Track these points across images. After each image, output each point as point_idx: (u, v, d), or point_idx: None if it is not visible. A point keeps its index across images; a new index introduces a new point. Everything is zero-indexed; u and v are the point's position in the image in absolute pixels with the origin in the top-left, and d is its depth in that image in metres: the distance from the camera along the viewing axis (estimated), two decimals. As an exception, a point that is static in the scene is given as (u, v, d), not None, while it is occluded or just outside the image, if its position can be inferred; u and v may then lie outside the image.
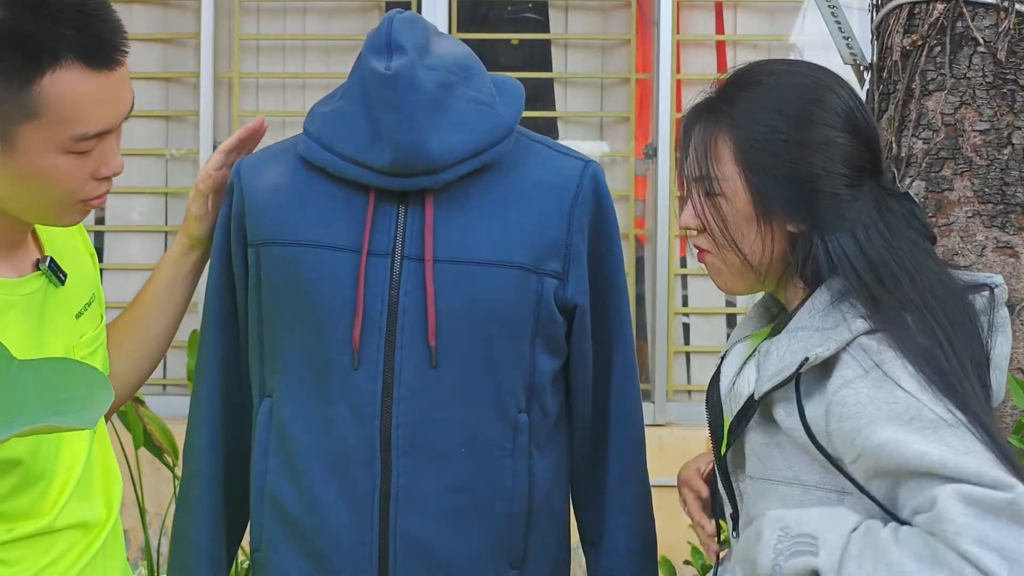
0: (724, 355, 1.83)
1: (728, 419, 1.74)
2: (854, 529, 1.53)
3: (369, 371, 1.88)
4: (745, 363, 1.72)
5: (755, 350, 1.71)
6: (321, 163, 1.93)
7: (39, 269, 1.75)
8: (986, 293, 1.68)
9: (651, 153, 4.61)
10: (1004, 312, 1.72)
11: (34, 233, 1.80)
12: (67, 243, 1.85)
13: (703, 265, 1.79)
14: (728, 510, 1.79)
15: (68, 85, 1.58)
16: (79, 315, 1.82)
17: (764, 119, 1.67)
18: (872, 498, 1.57)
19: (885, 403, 1.52)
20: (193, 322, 2.34)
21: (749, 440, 1.70)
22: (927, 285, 1.63)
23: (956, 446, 1.48)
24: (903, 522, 1.52)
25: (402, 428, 1.88)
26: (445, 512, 1.91)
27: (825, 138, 1.66)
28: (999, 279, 1.73)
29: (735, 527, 1.77)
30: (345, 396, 1.89)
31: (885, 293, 1.61)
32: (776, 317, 1.82)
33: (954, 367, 1.56)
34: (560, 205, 1.95)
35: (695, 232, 1.75)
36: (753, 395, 1.66)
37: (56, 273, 1.77)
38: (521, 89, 2.01)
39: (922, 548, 1.46)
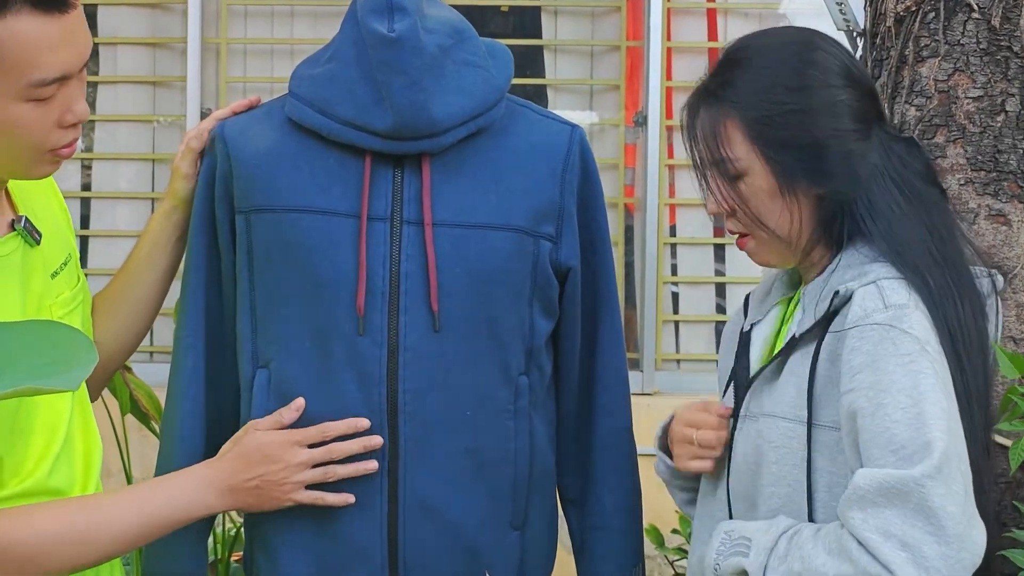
0: (748, 329, 1.85)
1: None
2: (784, 532, 1.62)
3: (374, 337, 1.88)
4: (786, 319, 1.80)
5: (799, 302, 1.77)
6: (314, 126, 1.91)
7: (15, 230, 1.73)
8: (992, 278, 1.76)
9: (641, 121, 4.60)
10: (997, 299, 1.77)
11: (8, 195, 1.77)
12: (41, 203, 1.83)
13: (743, 250, 1.82)
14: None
15: (20, 30, 1.56)
16: (55, 275, 1.80)
17: (767, 95, 1.72)
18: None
19: (893, 345, 1.58)
20: (178, 289, 2.33)
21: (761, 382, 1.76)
22: (940, 237, 1.71)
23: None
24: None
25: (408, 393, 1.89)
26: (453, 474, 1.92)
27: (829, 99, 1.72)
28: (998, 273, 1.79)
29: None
30: (350, 363, 1.89)
31: (907, 249, 1.68)
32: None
33: (962, 328, 1.64)
34: (552, 168, 1.96)
35: (725, 218, 1.79)
36: (795, 335, 1.72)
37: (31, 233, 1.75)
38: (510, 54, 2.01)
39: (833, 541, 1.55)
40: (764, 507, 1.73)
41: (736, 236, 1.81)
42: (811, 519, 1.67)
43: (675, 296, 4.73)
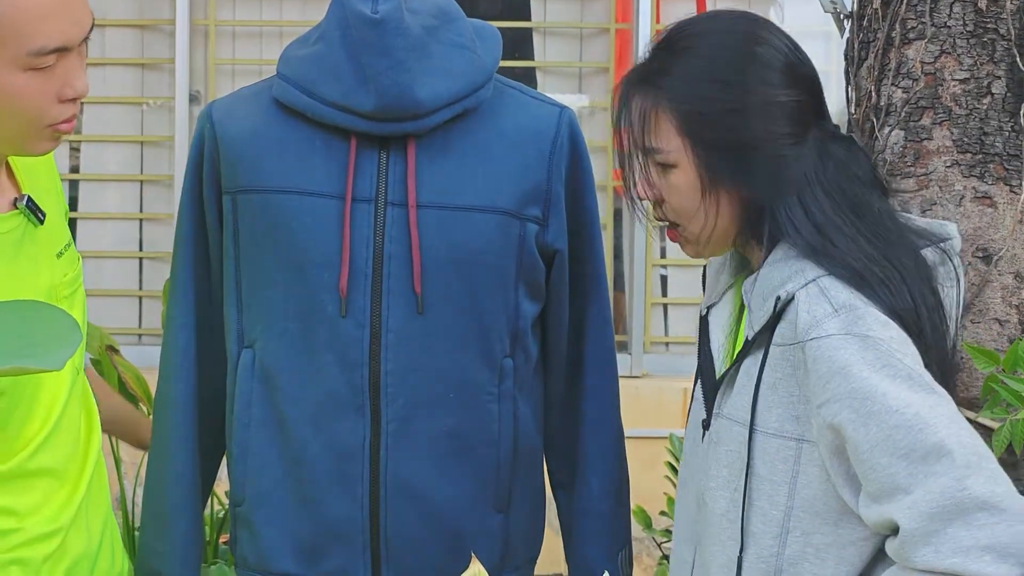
0: (705, 312, 1.84)
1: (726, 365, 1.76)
2: None
3: (356, 319, 1.89)
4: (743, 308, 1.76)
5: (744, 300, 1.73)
6: (300, 108, 1.91)
7: (17, 208, 1.74)
8: (941, 246, 1.71)
9: (630, 104, 4.60)
10: (956, 262, 1.73)
11: (11, 175, 1.78)
12: (44, 185, 1.84)
13: (672, 240, 1.79)
14: None
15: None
16: (59, 255, 1.82)
17: (702, 89, 1.66)
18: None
19: (859, 349, 1.53)
20: (168, 271, 2.34)
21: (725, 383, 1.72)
22: (877, 236, 1.65)
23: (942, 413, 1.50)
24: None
25: (391, 375, 1.89)
26: (435, 457, 1.93)
27: (766, 99, 1.65)
28: (952, 230, 1.75)
29: None
30: (332, 344, 1.89)
31: (833, 249, 1.62)
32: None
33: (912, 310, 1.60)
34: (540, 151, 1.96)
35: (650, 203, 1.75)
36: (747, 338, 1.68)
37: (35, 212, 1.76)
38: (499, 35, 2.02)
39: None
40: (710, 506, 1.70)
41: (665, 226, 1.77)
42: (743, 529, 1.63)
43: (664, 279, 4.74)
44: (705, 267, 1.90)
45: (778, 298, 1.62)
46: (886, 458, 1.49)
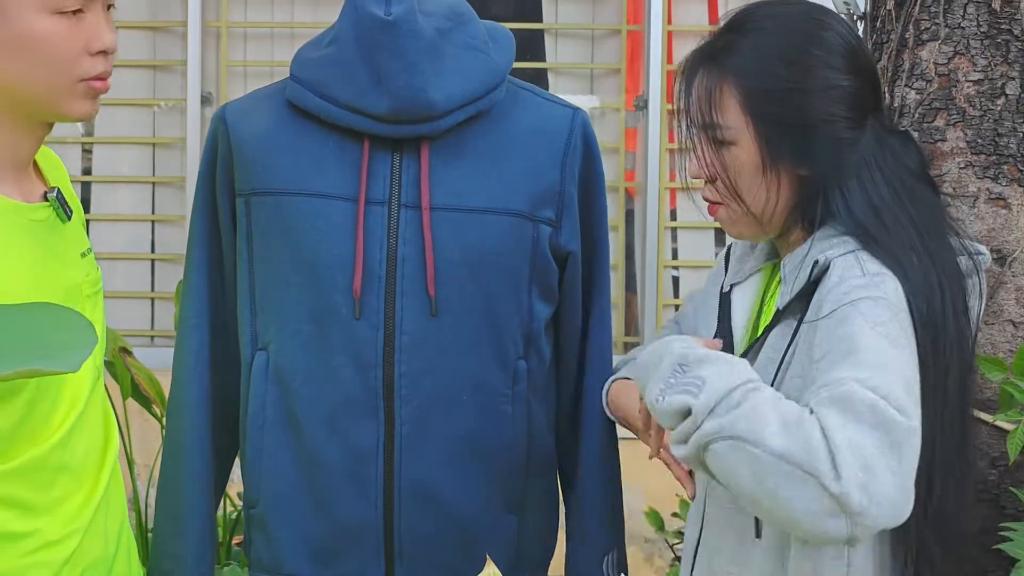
0: (728, 289, 1.84)
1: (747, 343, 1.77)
2: (743, 384, 1.49)
3: (370, 321, 1.89)
4: (770, 290, 1.78)
5: (782, 278, 1.74)
6: (314, 110, 1.92)
7: (47, 200, 1.76)
8: (973, 258, 1.73)
9: (641, 105, 4.60)
10: (983, 278, 1.76)
11: (39, 171, 1.81)
12: (66, 188, 1.86)
13: (714, 218, 1.79)
14: None
15: None
16: (83, 255, 1.84)
17: (768, 67, 1.69)
18: None
19: (870, 307, 1.55)
20: (180, 273, 2.34)
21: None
22: (927, 230, 1.67)
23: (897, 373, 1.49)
24: None
25: (405, 377, 1.89)
26: (449, 459, 1.93)
27: (828, 82, 1.69)
28: (985, 251, 1.77)
29: None
30: (346, 346, 1.90)
31: (884, 234, 1.65)
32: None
33: (943, 315, 1.62)
34: (553, 152, 1.96)
35: (703, 183, 1.77)
36: (778, 308, 1.70)
37: (63, 207, 1.78)
38: (512, 37, 2.02)
39: (794, 416, 1.44)
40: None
41: (708, 203, 1.79)
42: None
43: (675, 280, 4.73)
44: (728, 249, 1.91)
45: (816, 263, 1.65)
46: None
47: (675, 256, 4.72)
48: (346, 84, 1.87)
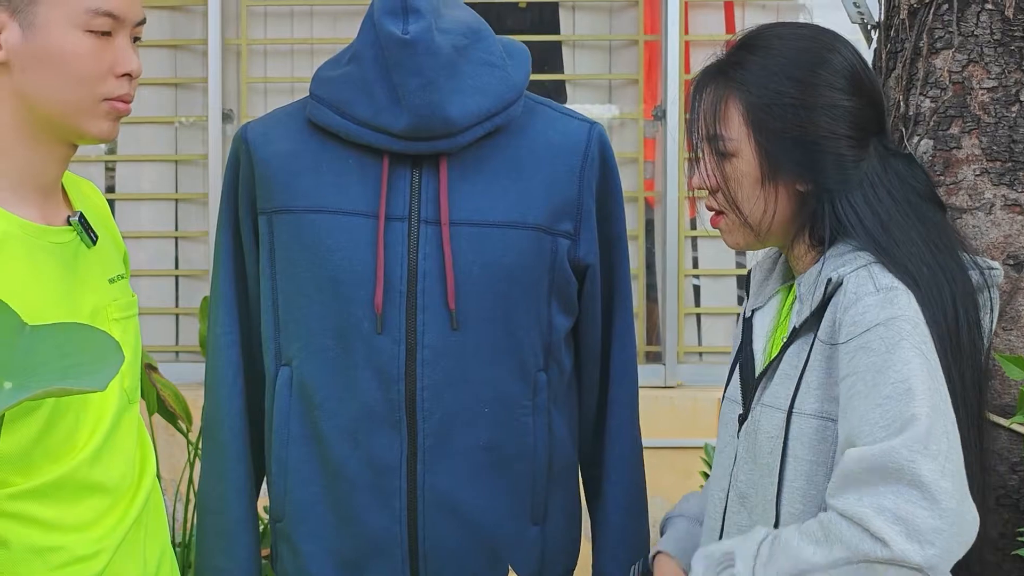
0: (750, 315, 1.87)
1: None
2: (764, 538, 1.61)
3: (392, 335, 1.91)
4: (787, 308, 1.82)
5: (797, 296, 1.78)
6: (334, 128, 1.94)
7: (70, 224, 1.80)
8: (984, 274, 1.75)
9: (659, 115, 4.61)
10: (995, 293, 1.78)
11: (66, 197, 1.85)
12: (95, 216, 1.89)
13: (714, 227, 1.84)
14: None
15: None
16: (112, 281, 1.86)
17: (772, 83, 1.73)
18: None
19: (884, 328, 1.59)
20: (204, 288, 2.36)
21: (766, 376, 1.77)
22: (936, 244, 1.71)
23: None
24: None
25: (427, 390, 1.91)
26: (471, 471, 1.94)
27: (830, 100, 1.73)
28: (997, 266, 1.79)
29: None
30: (369, 361, 1.91)
31: (896, 248, 1.68)
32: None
33: (957, 327, 1.65)
34: (570, 166, 1.98)
35: (706, 193, 1.81)
36: (795, 326, 1.74)
37: (88, 231, 1.81)
38: (528, 52, 2.03)
39: (817, 531, 1.54)
40: (743, 492, 1.76)
41: (711, 213, 1.83)
42: (777, 510, 1.69)
43: (696, 289, 4.73)
44: (750, 272, 1.94)
45: (829, 280, 1.68)
46: (868, 427, 1.55)
47: (696, 265, 4.72)
48: (365, 102, 1.89)
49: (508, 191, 1.94)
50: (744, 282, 1.96)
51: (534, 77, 2.02)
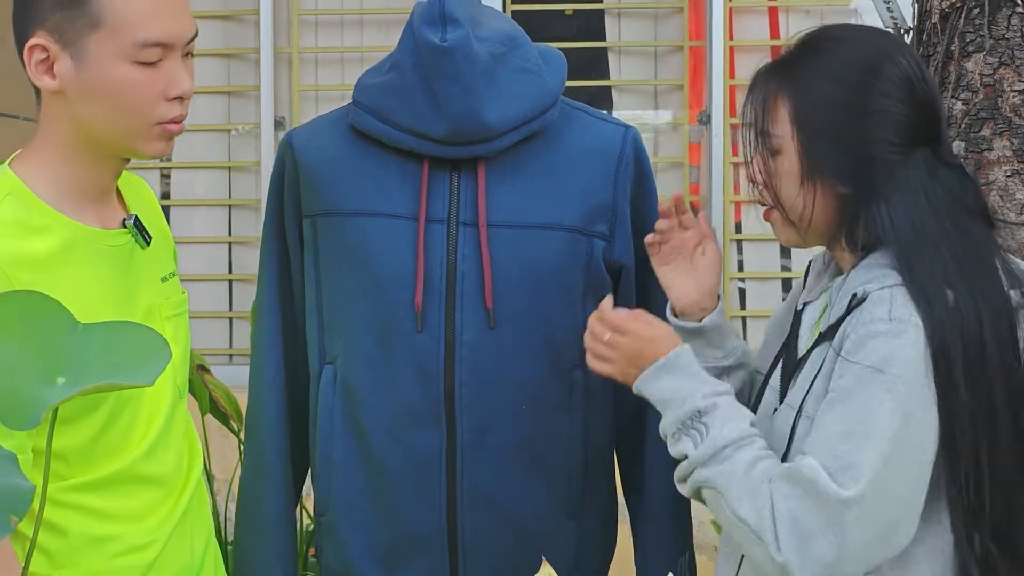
0: (801, 308, 1.89)
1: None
2: (737, 441, 1.69)
3: (432, 334, 1.95)
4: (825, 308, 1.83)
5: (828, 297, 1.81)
6: (375, 133, 1.99)
7: (125, 227, 1.85)
8: (1016, 293, 1.72)
9: (705, 120, 4.63)
10: None
11: (121, 199, 1.90)
12: (148, 216, 1.94)
13: (767, 220, 1.86)
14: None
15: None
16: (164, 280, 1.92)
17: (822, 85, 1.74)
18: None
19: (877, 365, 1.62)
20: (254, 293, 2.42)
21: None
22: (969, 263, 1.69)
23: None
24: None
25: (465, 387, 1.96)
26: (509, 466, 1.99)
27: (879, 107, 1.72)
28: None
29: None
30: (409, 359, 1.96)
31: (922, 262, 1.67)
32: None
33: (977, 340, 1.64)
34: (605, 169, 2.02)
35: (761, 186, 1.83)
36: (822, 332, 1.76)
37: (142, 233, 1.87)
38: (564, 59, 2.07)
39: (757, 487, 1.63)
40: None
41: (764, 208, 1.86)
42: None
43: (742, 292, 4.74)
44: (808, 267, 1.96)
45: (854, 295, 1.69)
46: (822, 443, 1.63)
47: (740, 268, 4.74)
48: (406, 108, 1.94)
49: (544, 194, 1.98)
50: (803, 278, 1.98)
51: (580, 83, 2.06)
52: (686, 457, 1.73)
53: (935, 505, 1.66)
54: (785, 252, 4.74)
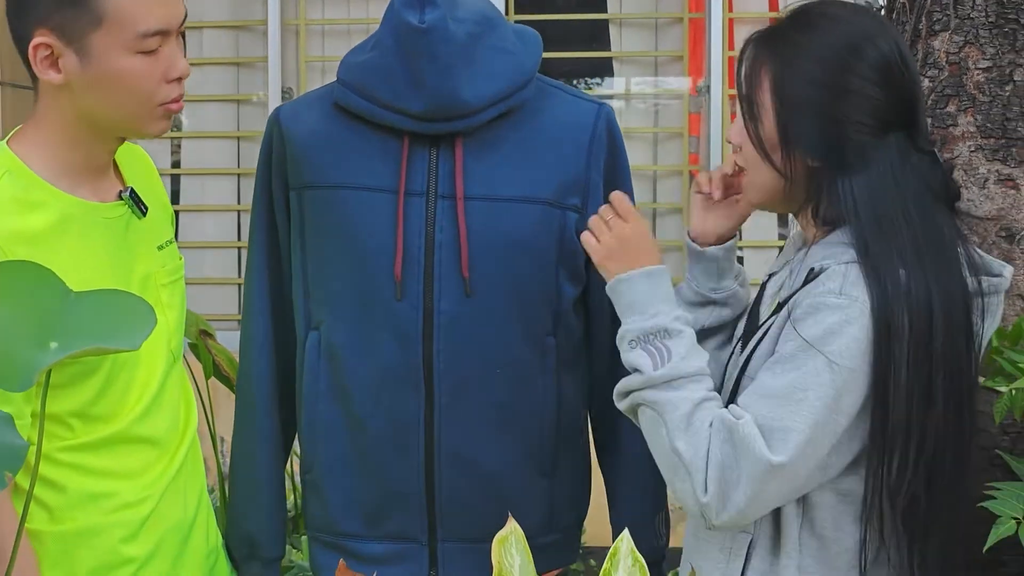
0: (767, 278, 1.97)
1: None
2: (694, 375, 1.75)
3: (411, 302, 2.03)
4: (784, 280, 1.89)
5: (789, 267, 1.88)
6: (358, 110, 2.06)
7: (121, 199, 1.94)
8: (980, 281, 1.78)
9: (704, 91, 4.67)
10: (996, 300, 1.81)
11: (117, 171, 1.98)
12: (144, 185, 2.02)
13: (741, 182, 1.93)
14: None
15: None
16: (161, 248, 2.01)
17: (805, 61, 1.79)
18: None
19: (826, 323, 1.69)
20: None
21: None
22: (929, 247, 1.73)
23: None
24: None
25: (443, 352, 2.03)
26: (485, 427, 2.06)
27: (856, 88, 1.76)
28: (1007, 272, 1.83)
29: None
30: (390, 326, 2.03)
31: (878, 242, 1.72)
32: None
33: (926, 322, 1.70)
34: (578, 144, 2.08)
35: (736, 148, 1.89)
36: (779, 302, 1.82)
37: (138, 204, 1.95)
38: (539, 38, 2.13)
39: (695, 426, 1.71)
40: None
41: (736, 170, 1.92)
42: None
43: (740, 260, 4.79)
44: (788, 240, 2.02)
45: (811, 269, 1.76)
46: (756, 397, 1.71)
47: (740, 237, 4.78)
48: (386, 86, 2.01)
49: (519, 168, 2.04)
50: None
51: (582, 54, 2.11)
52: (637, 371, 1.78)
53: (856, 459, 1.74)
54: (783, 220, 4.78)
